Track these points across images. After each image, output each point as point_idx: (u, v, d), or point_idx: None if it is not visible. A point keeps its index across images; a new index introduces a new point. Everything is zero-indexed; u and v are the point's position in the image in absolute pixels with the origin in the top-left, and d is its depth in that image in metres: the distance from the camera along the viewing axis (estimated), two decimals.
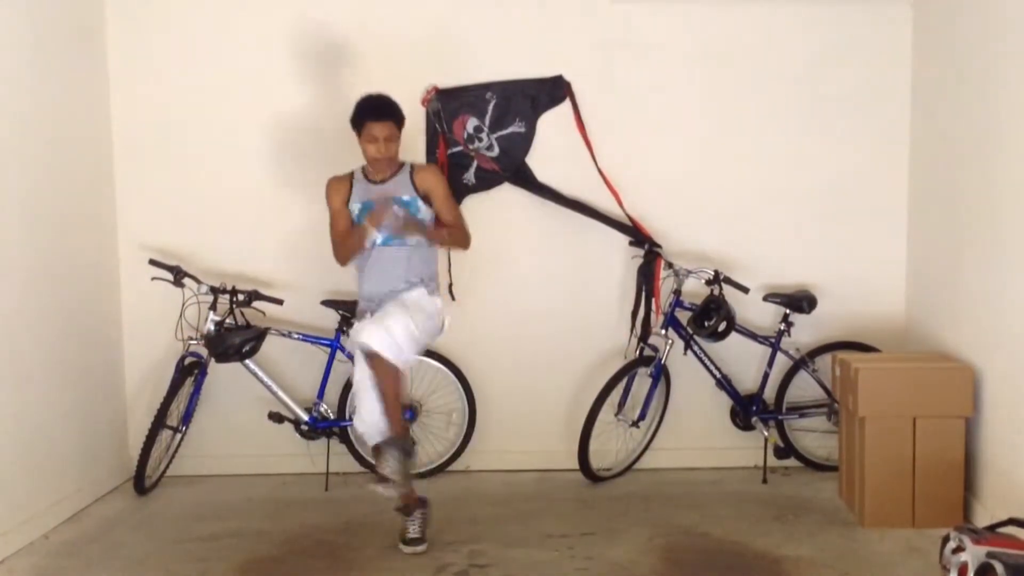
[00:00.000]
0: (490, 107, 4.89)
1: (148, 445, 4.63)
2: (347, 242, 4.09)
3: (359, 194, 4.08)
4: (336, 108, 4.92)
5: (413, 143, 4.90)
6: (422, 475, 4.81)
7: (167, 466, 4.88)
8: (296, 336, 4.84)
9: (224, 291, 4.65)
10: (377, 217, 3.96)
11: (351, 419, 4.85)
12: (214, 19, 4.93)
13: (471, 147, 4.92)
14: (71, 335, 4.53)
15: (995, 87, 3.97)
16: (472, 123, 4.90)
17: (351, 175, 4.15)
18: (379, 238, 3.97)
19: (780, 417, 4.92)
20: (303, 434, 4.85)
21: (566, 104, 4.89)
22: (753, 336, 4.88)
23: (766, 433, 4.86)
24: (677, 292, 4.79)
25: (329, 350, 4.83)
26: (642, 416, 4.84)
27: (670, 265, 4.81)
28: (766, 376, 4.91)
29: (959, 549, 3.12)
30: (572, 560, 3.84)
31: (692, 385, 4.98)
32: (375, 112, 3.97)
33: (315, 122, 4.94)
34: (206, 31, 4.93)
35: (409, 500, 3.94)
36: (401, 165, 4.12)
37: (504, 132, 4.93)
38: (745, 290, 4.77)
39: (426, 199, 4.08)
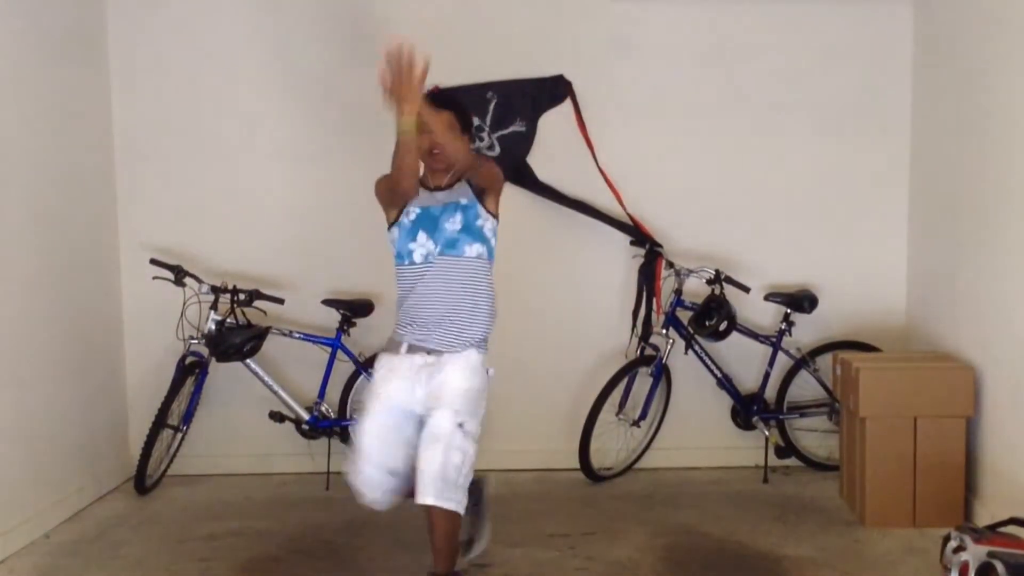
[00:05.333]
0: (491, 107, 4.88)
1: (149, 445, 4.63)
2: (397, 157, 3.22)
3: (418, 200, 3.39)
4: (337, 108, 4.95)
5: None
6: None
7: (168, 466, 4.87)
8: (297, 335, 4.83)
9: (225, 290, 4.65)
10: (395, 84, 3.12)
11: (352, 419, 4.88)
12: (214, 20, 4.93)
13: (472, 146, 4.90)
14: (72, 335, 4.53)
15: (995, 87, 3.97)
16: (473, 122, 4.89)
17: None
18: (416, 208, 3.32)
19: (781, 417, 4.92)
20: (304, 434, 4.85)
21: (567, 103, 4.89)
22: (754, 335, 4.88)
23: (767, 433, 4.86)
24: (678, 291, 4.79)
25: (330, 349, 4.83)
26: (643, 415, 4.84)
27: (671, 264, 4.81)
28: (767, 376, 4.91)
29: (960, 548, 3.12)
30: (573, 560, 3.84)
31: (693, 385, 4.98)
32: (431, 101, 3.32)
33: (316, 122, 4.93)
34: (206, 31, 4.93)
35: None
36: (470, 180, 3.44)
37: (505, 131, 4.93)
38: (746, 289, 4.77)
39: (482, 194, 3.44)
